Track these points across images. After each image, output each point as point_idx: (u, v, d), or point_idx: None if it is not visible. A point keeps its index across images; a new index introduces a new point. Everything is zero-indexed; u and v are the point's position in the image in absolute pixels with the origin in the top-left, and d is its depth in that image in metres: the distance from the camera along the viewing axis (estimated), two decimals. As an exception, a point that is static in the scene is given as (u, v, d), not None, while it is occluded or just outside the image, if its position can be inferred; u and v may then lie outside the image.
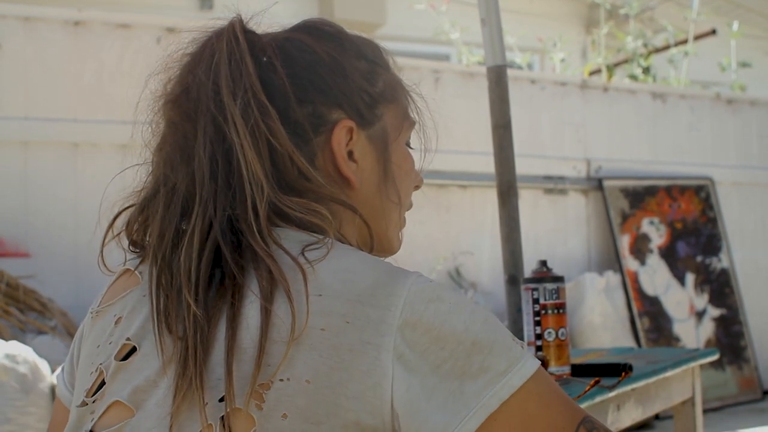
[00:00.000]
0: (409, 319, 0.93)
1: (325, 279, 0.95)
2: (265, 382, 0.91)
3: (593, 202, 6.18)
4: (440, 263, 5.44)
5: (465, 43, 6.24)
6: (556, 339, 1.96)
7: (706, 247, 6.36)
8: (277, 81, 1.04)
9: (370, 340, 0.92)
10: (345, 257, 0.99)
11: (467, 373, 0.91)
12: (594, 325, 5.56)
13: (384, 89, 1.13)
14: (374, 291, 0.94)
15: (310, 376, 0.91)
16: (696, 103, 6.70)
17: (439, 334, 0.92)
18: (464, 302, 0.96)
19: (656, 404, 2.23)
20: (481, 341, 0.93)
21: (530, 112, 5.95)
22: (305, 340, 0.92)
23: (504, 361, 0.93)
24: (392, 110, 1.14)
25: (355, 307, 0.93)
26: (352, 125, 1.08)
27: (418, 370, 0.91)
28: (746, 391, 6.21)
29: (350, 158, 1.08)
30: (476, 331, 0.93)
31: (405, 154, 1.16)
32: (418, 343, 0.92)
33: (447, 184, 5.61)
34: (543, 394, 0.94)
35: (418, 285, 0.95)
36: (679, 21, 7.26)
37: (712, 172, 6.58)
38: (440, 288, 0.96)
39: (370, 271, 0.96)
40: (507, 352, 0.93)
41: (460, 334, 0.93)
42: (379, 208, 1.12)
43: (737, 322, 6.33)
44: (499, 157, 2.40)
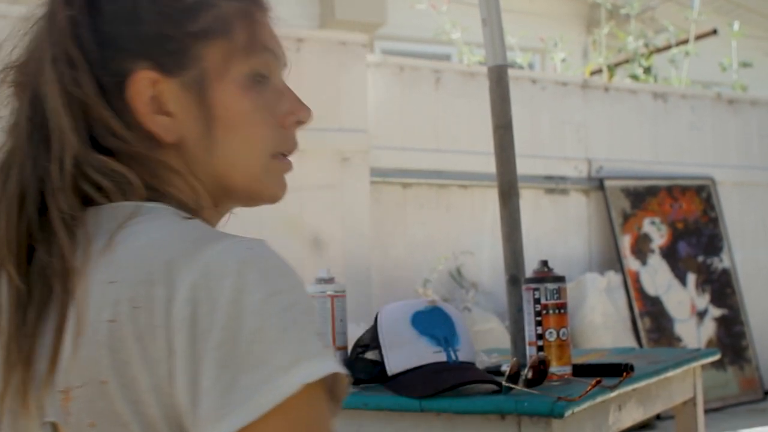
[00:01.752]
0: (197, 295, 0.81)
1: (122, 261, 0.86)
2: (64, 389, 0.84)
3: (594, 202, 6.18)
4: (441, 263, 5.43)
5: (466, 43, 6.24)
6: (558, 339, 1.96)
7: (708, 247, 6.36)
8: (86, 34, 0.96)
9: (160, 323, 0.81)
10: (153, 230, 0.89)
11: (245, 363, 0.78)
12: (595, 325, 5.56)
13: (210, 24, 0.99)
14: (169, 266, 0.83)
15: (105, 375, 0.82)
16: (697, 103, 6.70)
17: (224, 314, 0.80)
18: (270, 280, 0.82)
19: (657, 404, 2.24)
20: (270, 328, 0.80)
21: (531, 112, 5.95)
22: (94, 336, 0.83)
23: (289, 356, 0.79)
24: (219, 46, 0.99)
25: (146, 289, 0.82)
26: (152, 75, 0.96)
27: (199, 354, 0.79)
28: (747, 392, 6.20)
29: (163, 111, 0.96)
30: (268, 315, 0.80)
31: (239, 94, 0.99)
32: (201, 323, 0.80)
33: (448, 184, 5.61)
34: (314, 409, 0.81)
35: (221, 255, 0.83)
36: (680, 21, 7.25)
37: (713, 172, 6.58)
38: (249, 259, 0.83)
39: (174, 243, 0.86)
40: (300, 345, 0.80)
41: (247, 316, 0.80)
42: (222, 159, 0.99)
43: (738, 322, 6.32)
44: (500, 157, 2.40)
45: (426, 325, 1.92)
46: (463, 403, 1.77)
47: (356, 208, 5.14)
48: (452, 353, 1.88)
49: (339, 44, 5.18)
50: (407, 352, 1.89)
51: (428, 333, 1.90)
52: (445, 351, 1.88)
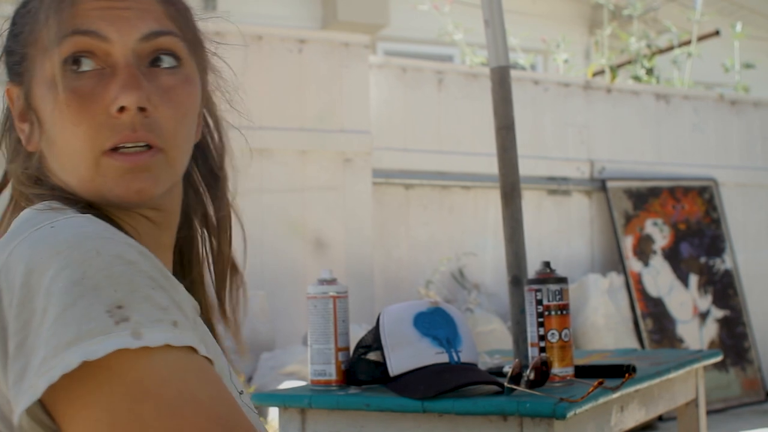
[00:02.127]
0: (1, 285, 0.78)
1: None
2: None
3: (596, 203, 6.18)
4: (443, 264, 5.43)
5: (468, 44, 6.24)
6: (560, 340, 1.96)
7: (710, 248, 6.35)
8: None
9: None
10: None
11: (32, 346, 0.74)
12: (597, 326, 5.56)
13: (26, 25, 0.96)
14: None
15: None
16: (699, 104, 6.70)
17: (18, 300, 0.76)
18: (62, 254, 0.77)
19: (660, 405, 2.23)
20: (53, 306, 0.75)
21: (533, 113, 5.95)
22: None
23: (69, 335, 0.74)
24: (35, 48, 0.95)
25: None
26: (9, 86, 0.98)
27: (7, 345, 0.76)
28: (750, 393, 6.20)
29: (23, 119, 0.98)
30: (53, 294, 0.75)
31: (43, 97, 0.93)
32: (6, 314, 0.77)
33: (450, 185, 5.61)
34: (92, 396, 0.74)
35: (20, 244, 0.80)
36: (682, 22, 7.25)
37: (716, 173, 6.57)
38: (44, 237, 0.80)
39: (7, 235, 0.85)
40: (79, 323, 0.74)
41: (34, 297, 0.76)
42: (58, 167, 0.94)
43: (741, 323, 6.32)
44: (503, 158, 2.40)
45: (428, 326, 1.92)
46: (466, 404, 1.78)
47: (359, 210, 5.14)
48: (454, 354, 1.88)
49: (341, 45, 5.19)
50: (409, 353, 1.89)
51: (430, 334, 1.91)
52: (447, 352, 1.88)
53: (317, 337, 2.00)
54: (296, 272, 4.85)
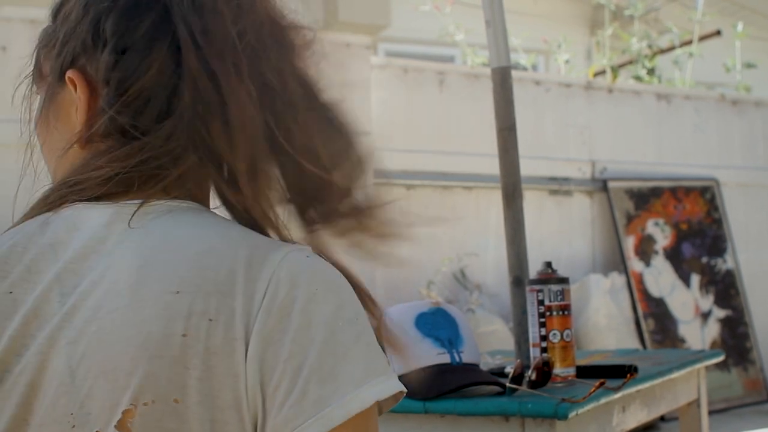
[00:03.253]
0: (269, 306, 0.80)
1: (176, 269, 0.81)
2: (128, 408, 0.78)
3: (598, 204, 6.18)
4: (445, 264, 5.43)
5: (469, 45, 6.24)
6: (561, 340, 1.96)
7: (712, 249, 6.35)
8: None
9: (238, 336, 0.79)
10: (203, 235, 0.85)
11: (314, 376, 0.78)
12: (599, 326, 5.55)
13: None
14: (234, 275, 0.81)
15: (178, 393, 0.78)
16: (701, 104, 6.69)
17: (296, 325, 0.80)
18: (335, 291, 0.83)
19: (661, 406, 2.23)
20: (338, 341, 0.80)
21: (535, 113, 5.95)
22: (165, 351, 0.79)
23: (361, 371, 0.80)
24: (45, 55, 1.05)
25: (219, 300, 0.80)
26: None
27: (271, 366, 0.79)
28: (752, 393, 6.20)
29: None
30: (337, 328, 0.81)
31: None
32: (273, 334, 0.79)
33: (452, 185, 5.61)
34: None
35: (289, 264, 0.83)
36: (683, 22, 7.25)
37: (717, 173, 6.57)
38: (313, 269, 0.83)
39: (236, 251, 0.83)
40: (368, 361, 0.81)
41: (316, 327, 0.80)
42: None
43: (742, 323, 6.32)
44: (504, 158, 2.40)
45: (430, 326, 1.92)
46: (467, 404, 1.78)
47: (360, 210, 5.14)
48: (456, 355, 1.88)
49: (342, 46, 5.19)
50: (411, 354, 1.89)
51: (432, 334, 1.91)
52: (448, 352, 1.88)
53: (319, 338, 2.00)
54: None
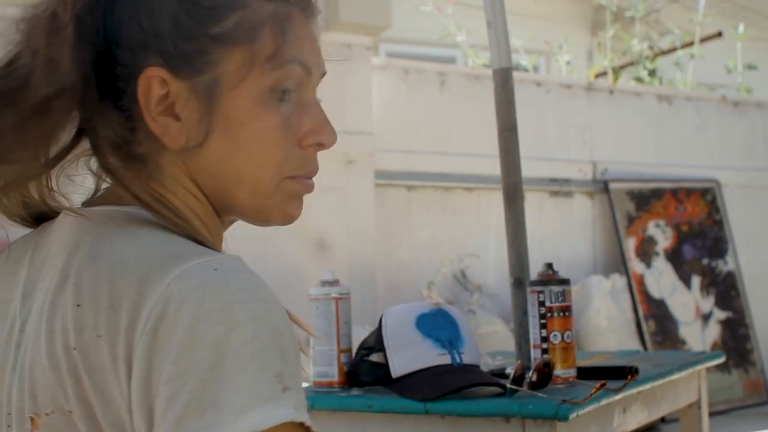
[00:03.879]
0: (156, 324, 0.75)
1: (88, 281, 0.81)
2: (32, 417, 0.81)
3: (599, 205, 6.18)
4: (446, 265, 5.43)
5: (471, 46, 6.25)
6: (562, 342, 1.96)
7: (712, 250, 6.35)
8: (104, 18, 0.89)
9: (121, 356, 0.76)
10: (125, 246, 0.83)
11: (193, 403, 0.72)
12: (600, 327, 5.55)
13: (234, 29, 0.90)
14: (131, 290, 0.78)
15: (72, 405, 0.78)
16: (702, 105, 6.69)
17: (178, 346, 0.74)
18: (233, 308, 0.75)
19: (662, 407, 2.23)
20: (225, 366, 0.73)
21: (536, 114, 5.95)
22: (62, 363, 0.79)
23: (244, 399, 0.72)
24: (239, 54, 0.90)
25: (108, 316, 0.77)
26: (162, 74, 0.88)
27: (153, 388, 0.74)
28: (752, 394, 6.20)
29: (172, 113, 0.89)
30: (226, 351, 0.73)
31: (255, 108, 0.91)
32: (157, 354, 0.74)
33: (453, 186, 5.61)
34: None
35: (185, 277, 0.77)
36: (684, 23, 7.25)
37: (718, 175, 6.57)
38: (212, 283, 0.77)
39: (143, 263, 0.80)
40: (255, 387, 0.73)
41: (202, 349, 0.73)
42: (223, 172, 0.91)
43: (743, 324, 6.31)
44: (505, 159, 2.40)
45: (430, 327, 1.92)
46: (468, 405, 1.78)
47: (361, 211, 5.14)
48: (457, 356, 1.88)
49: (344, 47, 5.19)
50: (412, 355, 1.89)
51: (433, 335, 1.91)
52: (449, 353, 1.88)
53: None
54: (298, 274, 4.85)
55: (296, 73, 0.92)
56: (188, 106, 0.89)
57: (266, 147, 0.91)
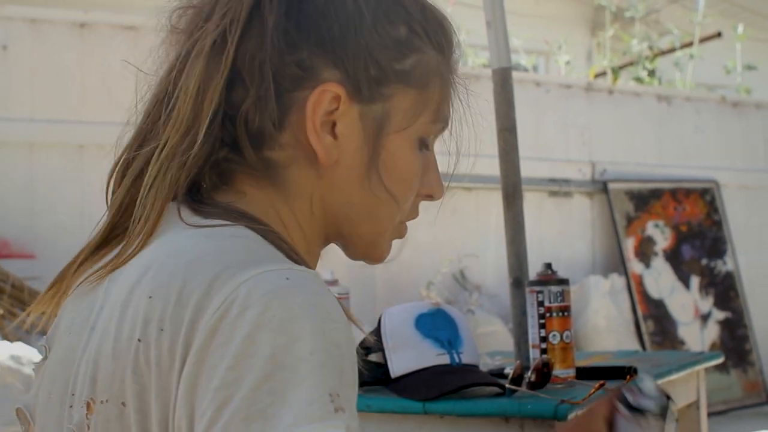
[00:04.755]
0: (217, 324, 0.74)
1: (162, 276, 0.80)
2: (90, 400, 0.81)
3: (598, 205, 6.18)
4: (445, 265, 5.43)
5: (470, 46, 6.24)
6: (561, 342, 1.96)
7: (711, 250, 6.35)
8: (271, 15, 0.87)
9: (178, 350, 0.75)
10: (205, 245, 0.82)
11: (241, 413, 0.70)
12: (598, 328, 5.55)
13: (412, 70, 0.91)
14: (201, 288, 0.76)
15: (126, 397, 0.78)
16: (701, 105, 6.69)
17: (235, 351, 0.72)
18: (296, 321, 0.73)
19: (661, 407, 2.23)
20: (280, 378, 0.71)
21: (535, 114, 5.95)
22: (125, 354, 0.78)
23: (294, 415, 0.70)
24: (411, 97, 0.91)
25: (174, 311, 0.77)
26: (340, 92, 0.88)
27: (201, 391, 0.73)
28: (751, 395, 6.20)
29: (330, 130, 0.88)
30: (282, 363, 0.72)
31: (408, 152, 0.93)
32: (211, 356, 0.73)
33: (451, 186, 5.60)
34: None
35: (253, 282, 0.75)
36: (684, 24, 7.25)
37: (718, 175, 6.57)
38: (279, 292, 0.75)
39: (216, 263, 0.78)
40: (306, 405, 0.71)
41: (259, 358, 0.72)
42: (358, 201, 0.92)
43: (742, 325, 6.32)
44: (504, 159, 2.40)
45: (430, 327, 1.92)
46: (467, 405, 1.78)
47: (360, 210, 5.14)
48: (456, 356, 1.88)
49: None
50: (411, 355, 1.89)
51: (432, 335, 1.91)
52: (448, 353, 1.88)
53: (319, 338, 2.00)
54: (298, 273, 4.85)
55: (440, 130, 0.98)
56: (351, 130, 0.89)
57: (405, 189, 0.95)
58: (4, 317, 3.94)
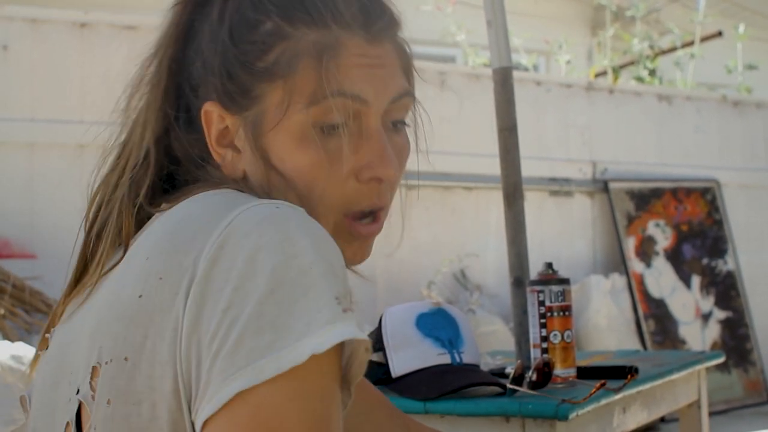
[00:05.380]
0: (218, 253, 0.78)
1: (158, 236, 0.85)
2: (95, 366, 0.83)
3: (599, 205, 6.18)
4: (445, 265, 5.43)
5: (471, 45, 6.24)
6: (562, 341, 1.96)
7: (712, 250, 6.35)
8: (190, 45, 0.96)
9: (180, 290, 0.79)
10: (194, 202, 0.88)
11: (252, 326, 0.74)
12: (599, 327, 5.55)
13: (276, 62, 0.90)
14: (195, 234, 0.81)
15: (129, 352, 0.80)
16: (702, 105, 6.69)
17: (239, 272, 0.76)
18: (291, 239, 0.77)
19: (662, 407, 2.23)
20: (284, 291, 0.75)
21: (536, 113, 5.94)
22: (126, 312, 0.82)
23: (302, 323, 0.74)
24: (279, 88, 0.90)
25: (169, 259, 0.81)
26: (216, 109, 0.93)
27: (208, 315, 0.76)
28: (752, 394, 6.20)
29: (232, 145, 0.94)
30: (285, 277, 0.75)
31: (295, 143, 0.90)
32: (215, 281, 0.77)
33: (452, 185, 5.61)
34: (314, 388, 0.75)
35: (247, 213, 0.80)
36: (685, 23, 7.25)
37: (718, 175, 6.57)
38: (272, 217, 0.79)
39: (206, 214, 0.83)
40: (315, 311, 0.75)
41: (262, 275, 0.76)
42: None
43: (743, 324, 6.31)
44: (505, 159, 2.40)
45: (430, 327, 1.92)
46: (468, 405, 1.78)
47: (361, 210, 5.14)
48: (456, 355, 1.88)
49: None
50: (412, 354, 1.89)
51: (433, 335, 1.91)
52: (449, 353, 1.88)
53: (319, 338, 1.99)
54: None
55: (344, 106, 0.89)
56: (243, 140, 0.92)
57: (309, 183, 0.90)
58: (5, 317, 3.94)
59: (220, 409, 0.74)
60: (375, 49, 0.92)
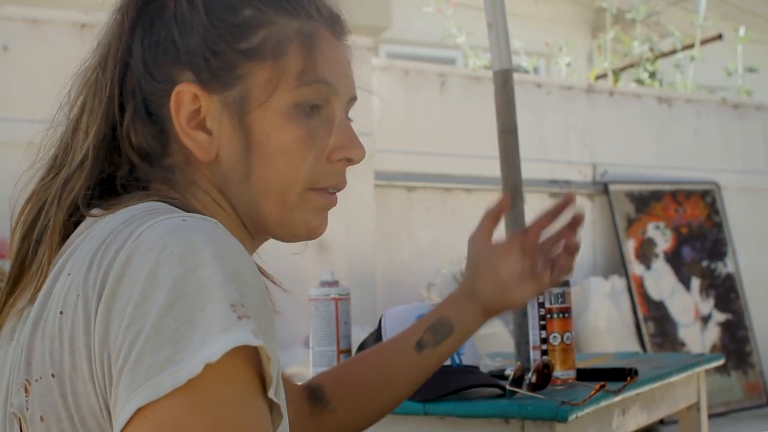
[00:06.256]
0: (122, 271, 0.78)
1: (78, 251, 0.86)
2: (25, 381, 0.84)
3: (599, 207, 6.18)
4: (445, 267, 5.43)
5: (471, 47, 6.25)
6: (562, 343, 1.96)
7: (712, 252, 6.35)
8: (142, 37, 0.96)
9: (92, 307, 0.79)
10: (115, 217, 0.88)
11: (151, 341, 0.74)
12: (599, 329, 5.55)
13: (262, 43, 0.95)
14: (108, 250, 0.82)
15: (55, 369, 0.81)
16: (702, 107, 6.69)
17: (141, 288, 0.76)
18: (194, 253, 0.77)
19: (661, 409, 2.23)
20: (183, 304, 0.75)
21: (536, 116, 5.95)
22: (50, 328, 0.82)
23: (200, 334, 0.74)
24: (268, 68, 0.95)
25: (86, 275, 0.81)
26: (193, 89, 0.93)
27: (114, 332, 0.77)
28: (751, 397, 6.20)
29: (203, 127, 0.95)
30: (184, 290, 0.76)
31: (281, 122, 0.95)
32: (120, 299, 0.77)
33: (452, 187, 5.61)
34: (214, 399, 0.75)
35: (153, 228, 0.81)
36: (685, 26, 7.25)
37: (718, 177, 6.57)
38: (177, 231, 0.80)
39: (123, 226, 0.84)
40: (212, 322, 0.75)
41: (161, 289, 0.76)
42: (257, 187, 0.96)
43: (742, 327, 6.31)
44: (505, 161, 2.40)
45: (430, 328, 1.91)
46: (467, 407, 1.77)
47: (361, 212, 5.14)
48: (456, 357, 1.88)
49: (344, 47, 5.19)
50: (411, 356, 1.88)
51: (432, 336, 1.90)
52: (449, 354, 1.88)
53: (319, 340, 2.00)
54: (298, 274, 4.85)
55: (324, 92, 0.97)
56: (221, 121, 0.94)
57: (291, 159, 0.95)
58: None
59: (125, 427, 0.74)
60: (342, 47, 1.02)
